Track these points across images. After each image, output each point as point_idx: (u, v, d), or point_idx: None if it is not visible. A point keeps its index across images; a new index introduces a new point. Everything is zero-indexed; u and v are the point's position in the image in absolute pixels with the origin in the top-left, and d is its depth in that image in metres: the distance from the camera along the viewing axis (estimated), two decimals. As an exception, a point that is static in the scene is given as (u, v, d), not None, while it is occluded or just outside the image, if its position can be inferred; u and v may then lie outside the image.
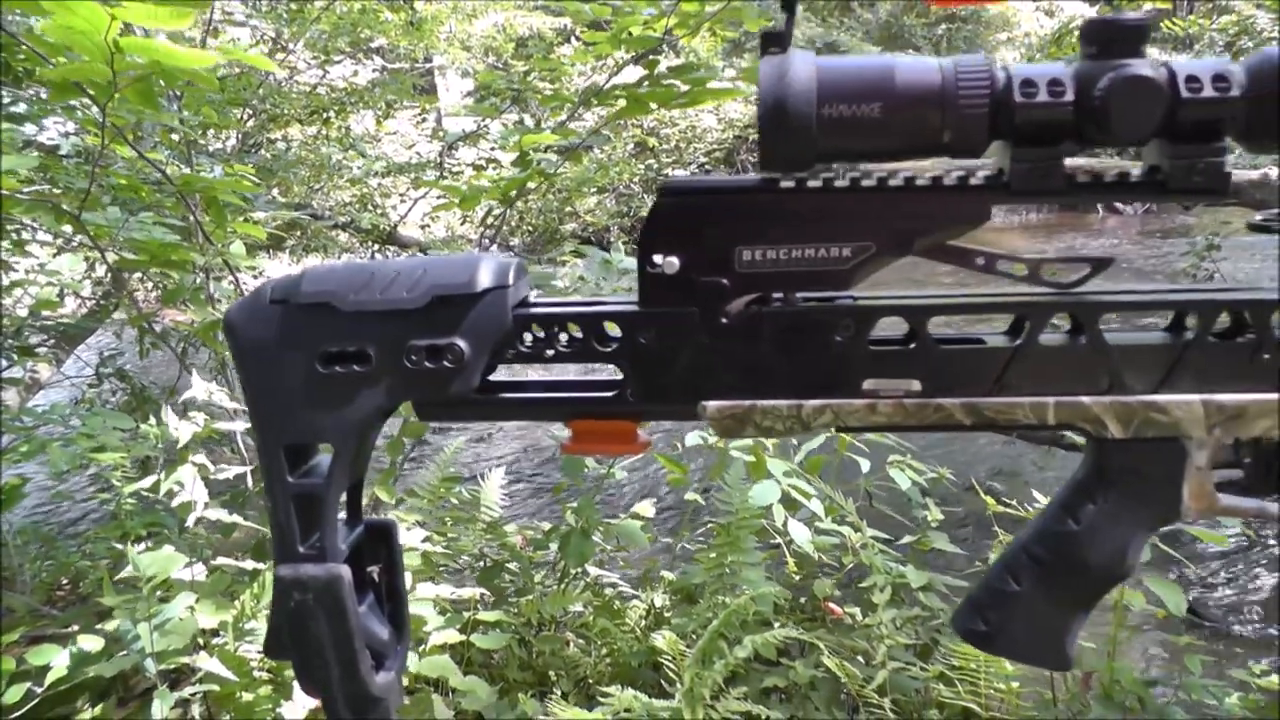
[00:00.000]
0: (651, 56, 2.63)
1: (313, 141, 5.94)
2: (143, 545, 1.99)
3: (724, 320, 0.52)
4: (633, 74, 2.70)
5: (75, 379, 4.51)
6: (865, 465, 2.34)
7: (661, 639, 1.83)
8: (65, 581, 2.89)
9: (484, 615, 1.91)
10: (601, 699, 1.76)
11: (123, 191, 2.63)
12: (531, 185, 2.28)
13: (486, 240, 2.63)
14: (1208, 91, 0.46)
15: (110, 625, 1.86)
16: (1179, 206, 11.17)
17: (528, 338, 0.56)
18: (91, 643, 1.88)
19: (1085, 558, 0.54)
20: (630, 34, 2.46)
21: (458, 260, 0.57)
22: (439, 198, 3.26)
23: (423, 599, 1.82)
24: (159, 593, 1.86)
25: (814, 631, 2.17)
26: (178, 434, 1.72)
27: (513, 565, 2.41)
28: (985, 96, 0.46)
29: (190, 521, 1.88)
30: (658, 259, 0.52)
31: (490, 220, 2.80)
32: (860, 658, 2.04)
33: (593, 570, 2.38)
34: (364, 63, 8.70)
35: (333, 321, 0.55)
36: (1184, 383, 0.53)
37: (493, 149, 4.70)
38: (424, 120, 7.90)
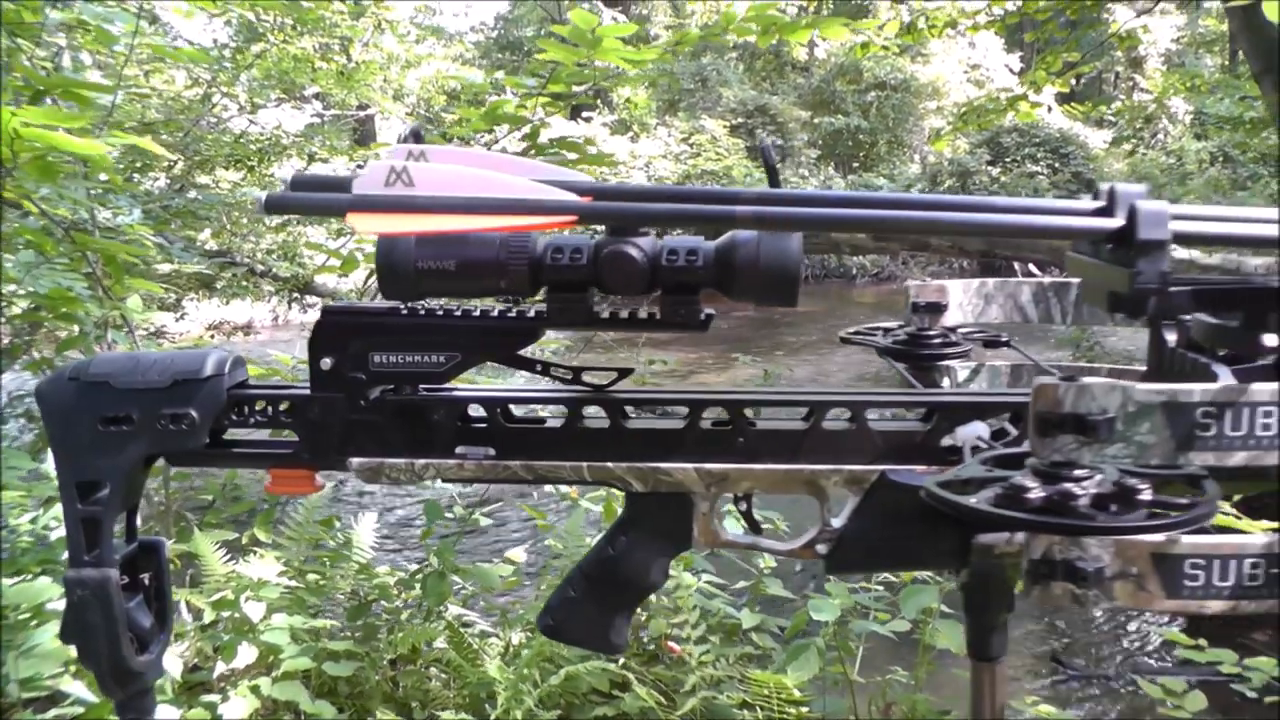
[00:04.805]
0: (534, 125, 2.88)
1: (235, 188, 6.09)
2: (20, 579, 2.13)
3: (363, 403, 0.75)
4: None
5: (-17, 416, 4.59)
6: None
7: (493, 668, 2.02)
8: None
9: (333, 645, 2.09)
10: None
11: (30, 245, 2.79)
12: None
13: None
14: (681, 262, 0.69)
15: (-21, 654, 1.99)
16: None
17: (244, 410, 0.79)
18: (-35, 671, 2.01)
19: (620, 575, 0.77)
20: (506, 112, 2.73)
21: (195, 354, 0.79)
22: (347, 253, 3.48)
23: (278, 628, 2.00)
24: (34, 622, 2.01)
25: (653, 668, 2.39)
26: (54, 475, 1.87)
27: (383, 603, 2.60)
28: (525, 261, 0.69)
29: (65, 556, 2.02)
30: (320, 359, 0.75)
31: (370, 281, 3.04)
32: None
33: (454, 609, 2.56)
34: (301, 108, 8.87)
35: (109, 394, 0.77)
36: (691, 454, 0.76)
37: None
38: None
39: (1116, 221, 0.55)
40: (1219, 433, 0.55)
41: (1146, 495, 0.58)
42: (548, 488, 3.30)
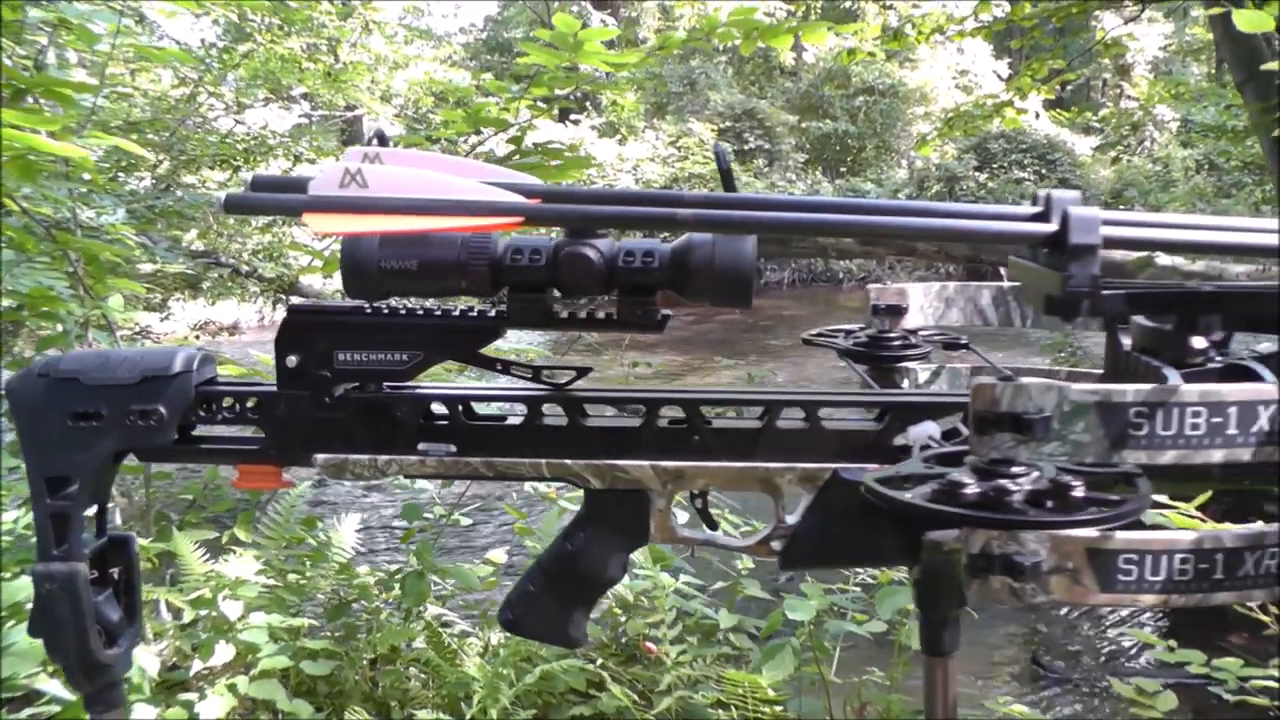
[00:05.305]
0: (517, 131, 2.90)
1: (221, 188, 6.09)
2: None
3: (328, 400, 0.76)
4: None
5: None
6: (684, 517, 2.58)
7: (472, 667, 2.04)
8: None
9: (310, 644, 2.09)
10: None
11: (12, 243, 2.79)
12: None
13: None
14: (638, 264, 0.71)
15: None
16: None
17: (211, 406, 0.80)
18: (-56, 670, 2.01)
19: (578, 570, 0.79)
20: (489, 113, 2.74)
21: (164, 351, 0.80)
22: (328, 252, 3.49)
23: (256, 627, 2.00)
24: (11, 622, 2.01)
25: (630, 667, 2.41)
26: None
27: (363, 603, 2.61)
28: (485, 262, 0.71)
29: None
30: (286, 357, 0.76)
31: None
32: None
33: (434, 609, 2.57)
34: (288, 109, 8.86)
35: (79, 390, 0.78)
36: (648, 451, 0.77)
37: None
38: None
39: (1050, 227, 0.57)
40: (1150, 432, 0.57)
41: (1080, 492, 0.60)
42: (528, 488, 3.32)
